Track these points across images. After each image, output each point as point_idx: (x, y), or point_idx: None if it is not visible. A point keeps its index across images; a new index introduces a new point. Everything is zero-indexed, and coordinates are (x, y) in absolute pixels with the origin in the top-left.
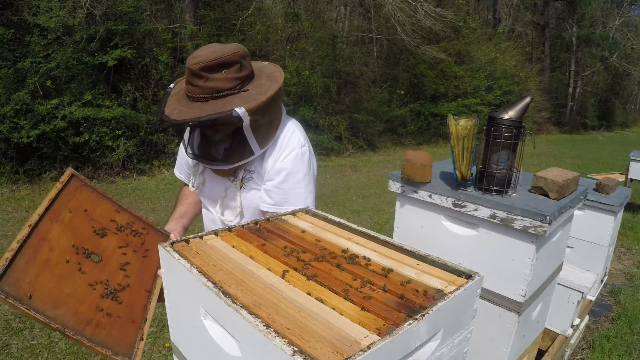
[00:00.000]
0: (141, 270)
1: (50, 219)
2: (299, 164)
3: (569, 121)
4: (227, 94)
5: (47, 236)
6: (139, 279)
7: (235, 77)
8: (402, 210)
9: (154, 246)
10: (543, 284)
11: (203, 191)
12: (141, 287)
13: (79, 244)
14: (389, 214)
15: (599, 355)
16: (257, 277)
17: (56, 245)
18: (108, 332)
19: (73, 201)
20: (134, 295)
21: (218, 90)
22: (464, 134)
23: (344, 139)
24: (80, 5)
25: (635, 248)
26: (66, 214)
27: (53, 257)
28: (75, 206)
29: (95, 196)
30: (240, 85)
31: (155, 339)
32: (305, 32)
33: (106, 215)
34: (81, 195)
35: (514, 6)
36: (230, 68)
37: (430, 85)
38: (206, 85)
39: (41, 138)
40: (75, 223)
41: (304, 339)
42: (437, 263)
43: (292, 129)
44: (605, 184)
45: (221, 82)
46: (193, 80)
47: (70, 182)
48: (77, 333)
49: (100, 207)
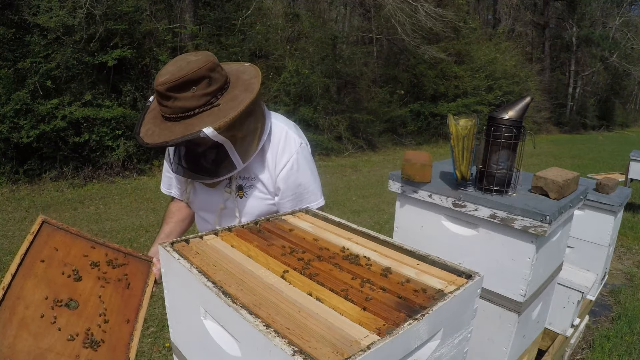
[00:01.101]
0: (122, 306)
1: (23, 276)
2: (303, 164)
3: (569, 121)
4: (197, 112)
5: (21, 294)
6: (121, 316)
7: (204, 94)
8: (402, 210)
9: (137, 276)
10: (543, 284)
11: (196, 202)
12: (122, 324)
13: (53, 295)
14: (389, 214)
15: (599, 355)
16: (257, 277)
17: (31, 302)
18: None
19: (46, 249)
20: (114, 335)
21: (187, 110)
22: (464, 134)
23: (344, 139)
24: (80, 5)
25: (635, 248)
26: (39, 265)
27: (29, 315)
28: (48, 255)
29: (69, 238)
30: (211, 100)
31: (155, 339)
32: (305, 32)
33: (81, 256)
34: (54, 241)
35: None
36: (199, 84)
37: (430, 85)
38: (175, 105)
39: (41, 138)
40: (49, 273)
41: (304, 339)
42: (437, 263)
43: (284, 129)
44: (605, 183)
45: (189, 100)
46: (162, 101)
47: (42, 229)
48: None
49: (74, 249)
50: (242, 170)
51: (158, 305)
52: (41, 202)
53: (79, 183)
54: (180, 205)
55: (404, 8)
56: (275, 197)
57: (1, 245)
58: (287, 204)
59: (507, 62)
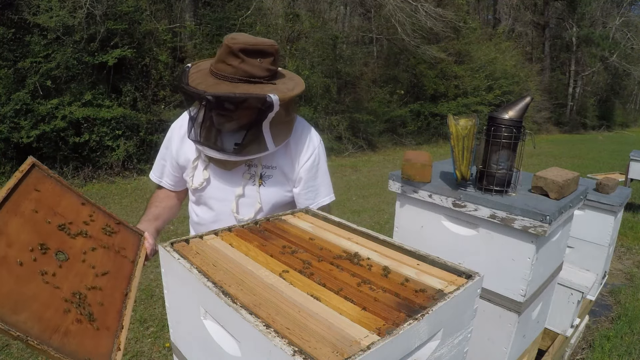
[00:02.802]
0: (114, 271)
1: (8, 211)
2: (323, 159)
3: (569, 121)
4: (258, 82)
5: (4, 230)
6: (112, 281)
7: (268, 68)
8: (402, 210)
9: (128, 245)
10: (543, 284)
11: (208, 190)
12: (115, 289)
13: (41, 240)
14: (389, 214)
15: (599, 355)
16: (257, 277)
17: (15, 241)
18: (79, 342)
19: (34, 193)
20: (107, 299)
21: (250, 75)
22: (464, 134)
23: (344, 139)
24: (80, 5)
25: (635, 248)
26: (27, 206)
27: (11, 254)
28: (37, 198)
29: (59, 189)
30: (271, 77)
31: (155, 339)
32: (305, 32)
33: (72, 210)
34: (44, 187)
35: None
36: (266, 58)
37: (430, 85)
38: (240, 67)
39: (41, 138)
40: (38, 217)
41: (304, 339)
42: (437, 263)
43: (307, 125)
44: (605, 183)
45: (255, 68)
46: (228, 59)
47: (32, 171)
48: (42, 342)
49: (65, 201)
50: (266, 158)
51: (158, 305)
52: None
53: (79, 183)
54: (169, 194)
55: (404, 8)
56: (294, 187)
57: None
58: (305, 195)
59: (507, 62)
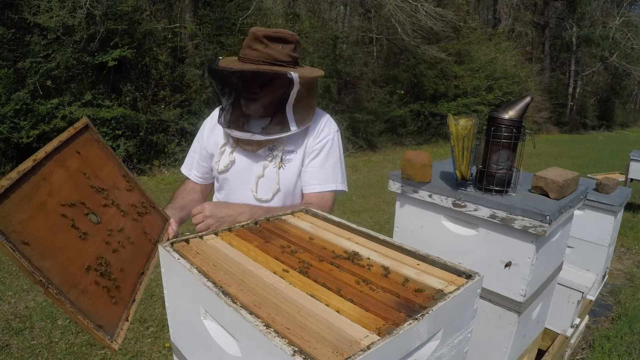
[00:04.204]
0: (137, 246)
1: (56, 162)
2: (336, 147)
3: (569, 121)
4: (281, 64)
5: (49, 178)
6: (133, 255)
7: (290, 54)
8: (402, 210)
9: (154, 227)
10: (543, 284)
11: (233, 172)
12: (134, 263)
13: (80, 197)
14: (389, 214)
15: (599, 355)
16: (257, 277)
17: (56, 191)
18: (92, 303)
19: (83, 152)
20: (126, 270)
21: (274, 59)
22: (464, 134)
23: (344, 139)
24: (80, 5)
25: (635, 248)
26: (73, 161)
27: (50, 203)
28: (83, 158)
29: (105, 155)
30: (293, 62)
31: (155, 339)
32: (305, 32)
33: (112, 178)
34: (92, 149)
35: (514, 6)
36: (287, 45)
37: (430, 85)
38: (265, 51)
39: (41, 138)
40: (81, 175)
41: (304, 339)
42: (437, 263)
43: (327, 116)
44: (605, 183)
45: (278, 53)
46: (253, 44)
47: (84, 132)
48: (61, 293)
49: (108, 168)
50: (288, 142)
51: (158, 305)
52: None
53: None
54: (195, 187)
55: (404, 8)
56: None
57: None
58: (309, 174)
59: (507, 62)
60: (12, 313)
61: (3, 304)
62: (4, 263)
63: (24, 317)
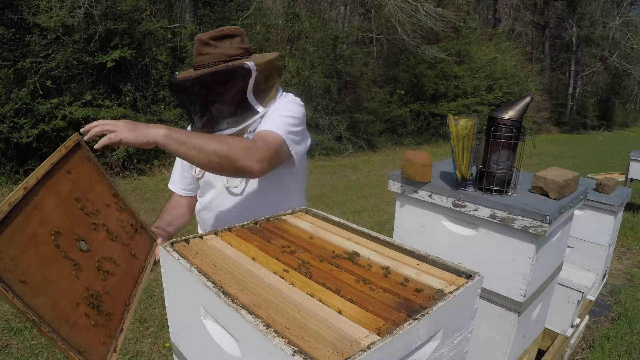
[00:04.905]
0: (125, 272)
1: (47, 187)
2: (285, 105)
3: (569, 121)
4: (235, 59)
5: (40, 206)
6: (122, 282)
7: (240, 47)
8: (402, 210)
9: (142, 249)
10: (543, 284)
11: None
12: (122, 291)
13: (70, 223)
14: (389, 214)
15: (599, 355)
16: (257, 277)
17: (47, 220)
18: (83, 336)
19: (74, 173)
20: (114, 299)
21: (227, 55)
22: (464, 134)
23: (344, 139)
24: (79, 5)
25: (635, 248)
26: (64, 184)
27: (42, 234)
28: (75, 179)
29: (95, 174)
30: (246, 54)
31: (155, 339)
32: (305, 32)
33: (103, 199)
34: (83, 169)
35: (514, 6)
36: (234, 39)
37: (430, 85)
38: (216, 52)
39: (41, 138)
40: (72, 199)
41: (304, 339)
42: (437, 263)
43: (292, 96)
44: (605, 183)
45: (228, 49)
46: (203, 49)
47: (76, 151)
48: (53, 330)
49: (98, 188)
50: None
51: (158, 305)
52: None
53: None
54: (180, 202)
55: (404, 8)
56: None
57: None
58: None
59: (507, 62)
60: (12, 313)
61: (3, 304)
62: None
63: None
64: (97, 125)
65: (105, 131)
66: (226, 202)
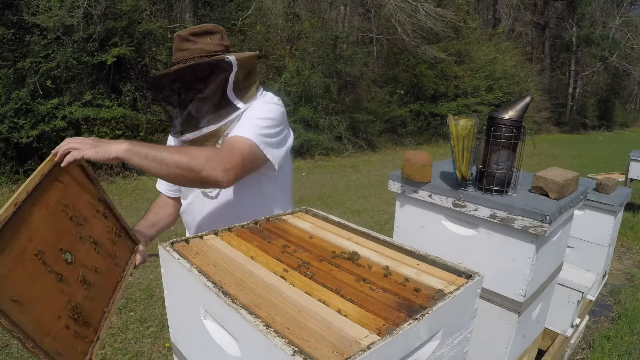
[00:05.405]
0: (106, 280)
1: (37, 200)
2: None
3: (569, 121)
4: (215, 55)
5: (29, 220)
6: (101, 292)
7: (220, 44)
8: (402, 210)
9: (122, 255)
10: (543, 284)
11: None
12: (101, 300)
13: (57, 237)
14: (389, 214)
15: (599, 355)
16: (257, 277)
17: (35, 235)
18: (63, 347)
19: (65, 179)
20: (93, 308)
21: (207, 51)
22: (464, 134)
23: (344, 139)
24: (78, 4)
25: (635, 248)
26: (54, 194)
27: (29, 250)
28: (65, 185)
29: (86, 180)
30: (225, 50)
31: (155, 339)
32: (305, 32)
33: (90, 204)
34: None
35: (514, 6)
36: (214, 36)
37: (430, 85)
38: (195, 47)
39: (41, 138)
40: (59, 209)
41: (304, 339)
42: (437, 263)
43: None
44: (605, 183)
45: (209, 45)
46: (182, 45)
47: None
48: (36, 346)
49: (86, 194)
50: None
51: (158, 305)
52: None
53: None
54: (167, 202)
55: (404, 8)
56: None
57: None
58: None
59: (507, 62)
60: None
61: None
62: None
63: None
64: (63, 145)
65: (71, 149)
66: (203, 206)
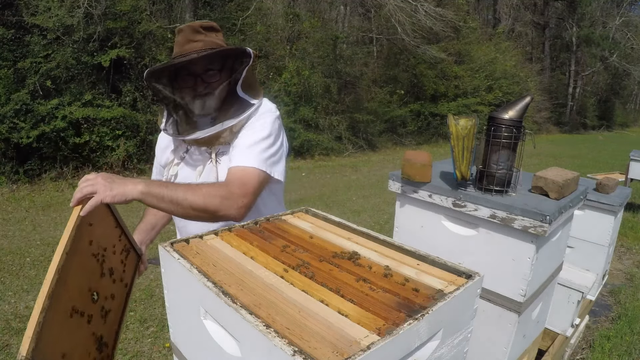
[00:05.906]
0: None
1: (71, 254)
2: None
3: (569, 121)
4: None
5: (66, 280)
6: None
7: (224, 41)
8: (402, 210)
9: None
10: (543, 284)
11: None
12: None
13: (87, 281)
14: (389, 214)
15: (599, 355)
16: (257, 277)
17: (73, 288)
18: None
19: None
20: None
21: (218, 45)
22: (464, 134)
23: (344, 139)
24: (78, 4)
25: (635, 248)
26: (86, 239)
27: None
28: (94, 226)
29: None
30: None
31: (155, 339)
32: (305, 32)
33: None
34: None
35: (514, 6)
36: (219, 33)
37: (430, 85)
38: (208, 39)
39: (41, 138)
40: (88, 252)
41: (304, 339)
42: (437, 263)
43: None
44: (605, 183)
45: (216, 39)
46: (195, 37)
47: None
48: None
49: (107, 227)
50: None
51: (158, 305)
52: (41, 202)
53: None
54: None
55: (404, 8)
56: None
57: (1, 245)
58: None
59: (507, 62)
60: (12, 313)
61: (3, 304)
62: (4, 263)
63: (24, 317)
64: (78, 192)
65: (87, 194)
66: None
